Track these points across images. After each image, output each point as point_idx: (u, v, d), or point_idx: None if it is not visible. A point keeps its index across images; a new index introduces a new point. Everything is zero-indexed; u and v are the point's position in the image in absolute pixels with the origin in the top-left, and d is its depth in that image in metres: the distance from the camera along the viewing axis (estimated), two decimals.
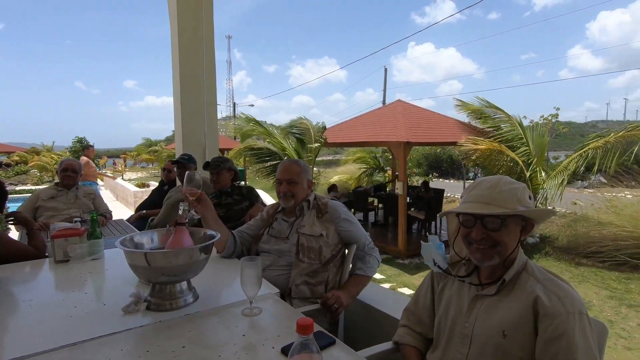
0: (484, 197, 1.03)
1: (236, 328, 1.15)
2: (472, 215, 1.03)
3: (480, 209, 1.01)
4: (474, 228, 1.03)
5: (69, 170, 3.17)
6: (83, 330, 1.12)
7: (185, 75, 3.66)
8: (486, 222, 1.01)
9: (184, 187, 1.63)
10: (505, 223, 1.00)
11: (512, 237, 1.01)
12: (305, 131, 7.78)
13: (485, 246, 1.02)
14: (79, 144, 15.73)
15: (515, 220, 1.01)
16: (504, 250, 1.01)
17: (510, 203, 1.00)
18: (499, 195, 1.01)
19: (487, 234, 1.02)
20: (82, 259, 1.82)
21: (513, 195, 1.01)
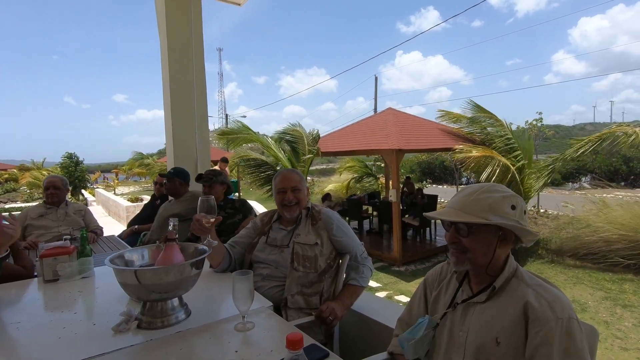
0: (458, 204, 1.05)
1: (229, 344, 1.13)
2: (444, 220, 1.05)
3: (449, 215, 1.04)
4: (449, 232, 1.06)
5: (50, 188, 3.11)
6: (72, 352, 1.10)
7: (175, 89, 3.67)
8: (458, 227, 1.03)
9: (199, 214, 1.50)
10: (473, 230, 1.01)
11: (482, 245, 1.02)
12: (298, 140, 7.79)
13: (457, 250, 1.05)
14: (68, 160, 15.54)
15: (488, 229, 1.01)
16: (473, 257, 1.02)
17: (481, 212, 1.00)
18: (472, 203, 1.03)
19: (458, 238, 1.04)
20: (71, 278, 1.79)
21: (486, 204, 1.01)
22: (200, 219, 1.48)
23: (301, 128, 8.14)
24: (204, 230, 1.50)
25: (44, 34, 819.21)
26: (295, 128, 8.16)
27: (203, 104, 3.83)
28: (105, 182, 24.57)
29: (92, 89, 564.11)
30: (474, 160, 6.91)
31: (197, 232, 1.52)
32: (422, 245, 8.24)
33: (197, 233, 1.52)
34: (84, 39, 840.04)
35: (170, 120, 3.69)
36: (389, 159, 7.34)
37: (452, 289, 1.17)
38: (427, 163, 21.67)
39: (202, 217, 1.48)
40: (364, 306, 1.90)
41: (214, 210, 1.50)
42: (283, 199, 1.79)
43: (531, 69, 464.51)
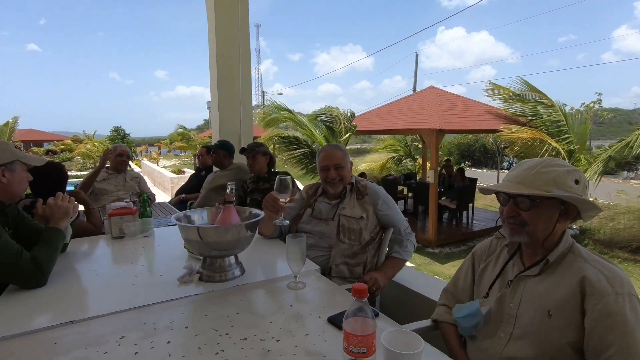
0: (519, 177, 1.04)
1: (283, 299, 1.22)
2: (507, 193, 1.04)
3: (511, 188, 1.03)
4: (507, 206, 1.05)
5: (123, 155, 3.39)
6: (146, 296, 1.23)
7: (222, 64, 3.76)
8: (518, 201, 1.02)
9: (275, 191, 1.52)
10: (536, 204, 1.00)
11: (543, 219, 1.01)
12: (334, 119, 7.78)
13: (514, 224, 1.04)
14: (116, 133, 16.54)
15: (551, 202, 1.00)
16: (532, 230, 1.02)
17: (544, 185, 0.99)
18: (535, 176, 1.01)
19: (517, 212, 1.03)
20: (135, 236, 1.96)
21: (550, 177, 1.00)
22: (276, 198, 1.52)
23: (337, 109, 8.11)
24: (277, 209, 1.53)
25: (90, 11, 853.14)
26: (331, 108, 8.15)
27: (247, 78, 3.92)
28: (149, 154, 25.89)
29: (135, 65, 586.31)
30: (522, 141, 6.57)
31: (270, 210, 1.54)
32: (457, 228, 8.10)
33: (269, 210, 1.55)
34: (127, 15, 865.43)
35: (217, 95, 3.82)
36: (429, 139, 7.17)
37: (501, 262, 1.17)
38: (466, 145, 20.88)
39: (278, 197, 1.51)
40: (404, 278, 1.94)
41: (289, 190, 1.54)
42: (326, 176, 1.83)
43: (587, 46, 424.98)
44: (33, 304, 1.20)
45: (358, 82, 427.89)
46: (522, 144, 6.59)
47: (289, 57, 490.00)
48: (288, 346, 0.94)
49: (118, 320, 1.08)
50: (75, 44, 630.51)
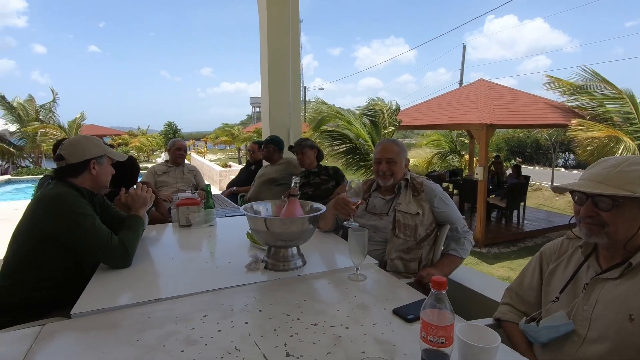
0: (599, 176, 0.99)
1: (346, 289, 1.27)
2: (584, 192, 1.00)
3: (590, 187, 0.98)
4: (584, 206, 1.01)
5: (181, 149, 3.63)
6: (218, 280, 1.34)
7: (273, 60, 3.87)
8: (597, 200, 0.98)
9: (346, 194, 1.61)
10: (618, 204, 0.95)
11: (626, 220, 0.96)
12: (379, 113, 7.68)
13: (592, 224, 1.00)
14: (168, 128, 17.53)
15: (635, 203, 0.95)
16: (613, 231, 0.97)
17: (629, 185, 0.94)
18: (617, 175, 0.96)
19: (596, 212, 0.99)
20: (200, 225, 2.11)
21: (635, 177, 0.95)
22: (348, 201, 1.59)
23: (382, 102, 7.98)
24: (348, 211, 1.60)
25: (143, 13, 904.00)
26: (376, 102, 8.04)
27: (297, 75, 4.00)
28: (196, 148, 27.18)
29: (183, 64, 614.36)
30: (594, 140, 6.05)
31: (341, 211, 1.63)
32: (507, 228, 7.74)
33: (340, 212, 1.64)
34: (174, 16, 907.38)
35: (267, 90, 3.94)
36: (478, 134, 6.90)
37: (574, 263, 1.13)
38: (516, 140, 19.75)
39: (350, 199, 1.58)
40: (461, 276, 1.92)
41: (361, 194, 1.62)
42: (377, 169, 1.87)
43: None
44: (122, 282, 1.34)
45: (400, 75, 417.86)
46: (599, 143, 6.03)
47: (330, 52, 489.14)
48: (357, 333, 0.98)
49: (198, 300, 1.18)
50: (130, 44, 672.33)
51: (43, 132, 14.63)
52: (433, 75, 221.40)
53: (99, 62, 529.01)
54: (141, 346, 0.93)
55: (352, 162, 8.00)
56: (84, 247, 1.42)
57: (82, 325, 1.05)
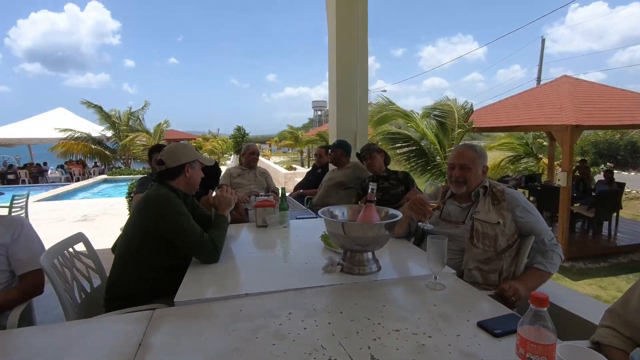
0: None
1: (425, 298, 1.26)
2: None
3: None
4: None
5: (255, 153, 3.86)
6: (298, 279, 1.41)
7: (341, 63, 3.93)
8: None
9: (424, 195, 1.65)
10: None
11: None
12: (448, 114, 7.33)
13: None
14: (238, 132, 18.65)
15: None
16: None
17: None
18: None
19: None
20: (275, 226, 2.23)
21: None
22: (425, 201, 1.61)
23: (452, 102, 7.61)
24: (425, 212, 1.62)
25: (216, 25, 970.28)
26: (445, 102, 7.68)
27: (364, 79, 4.02)
28: (262, 151, 28.50)
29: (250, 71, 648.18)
30: None
31: (417, 212, 1.65)
32: (595, 241, 6.92)
33: (416, 212, 1.65)
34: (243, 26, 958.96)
35: (335, 95, 4.01)
36: (560, 136, 6.28)
37: None
38: (606, 143, 17.56)
39: (427, 200, 1.60)
40: (548, 292, 1.77)
41: (439, 196, 1.63)
42: (450, 174, 1.81)
43: None
44: (213, 276, 1.48)
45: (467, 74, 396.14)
46: None
47: (392, 53, 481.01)
48: (441, 343, 0.97)
49: (283, 297, 1.26)
50: (204, 55, 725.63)
51: (132, 138, 16.48)
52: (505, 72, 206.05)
53: (177, 72, 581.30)
54: (236, 336, 1.02)
55: (417, 166, 7.75)
56: (181, 244, 1.58)
57: (184, 312, 1.18)
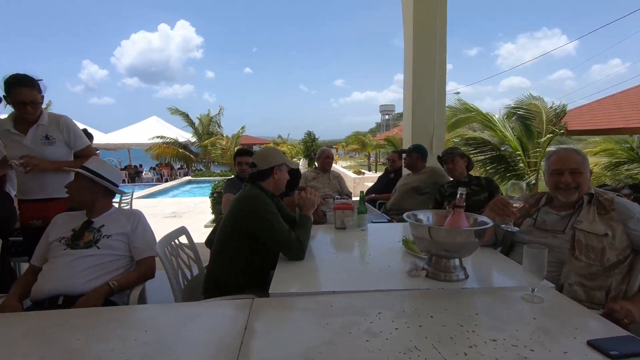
0: None
1: (521, 310, 1.19)
2: None
3: None
4: None
5: (329, 157, 3.98)
6: (382, 281, 1.43)
7: (418, 65, 3.86)
8: None
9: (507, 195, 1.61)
10: None
11: None
12: (534, 115, 6.71)
13: None
14: (308, 137, 19.22)
15: None
16: None
17: None
18: None
19: None
20: (353, 229, 2.27)
21: None
22: (507, 202, 1.55)
23: (540, 101, 6.95)
24: (508, 213, 1.56)
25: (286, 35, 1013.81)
26: (531, 101, 7.05)
27: (442, 82, 3.90)
28: None
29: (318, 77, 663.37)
30: None
31: (499, 214, 1.59)
32: None
33: (498, 214, 1.59)
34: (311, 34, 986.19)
35: (411, 98, 3.95)
36: None
37: None
38: None
39: (509, 200, 1.55)
40: None
41: (523, 195, 1.56)
42: (559, 181, 1.66)
43: None
44: (300, 272, 1.56)
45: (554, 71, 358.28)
46: None
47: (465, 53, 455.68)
48: (546, 359, 0.92)
49: (371, 297, 1.29)
50: (275, 64, 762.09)
51: (213, 142, 17.96)
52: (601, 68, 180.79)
53: (251, 81, 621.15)
54: (330, 330, 1.07)
55: (495, 172, 7.23)
56: (271, 241, 1.70)
57: (280, 303, 1.27)
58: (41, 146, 2.21)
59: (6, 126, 2.20)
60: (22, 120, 2.20)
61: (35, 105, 2.16)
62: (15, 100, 2.11)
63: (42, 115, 2.23)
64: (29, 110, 2.14)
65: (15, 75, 2.13)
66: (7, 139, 2.22)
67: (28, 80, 2.13)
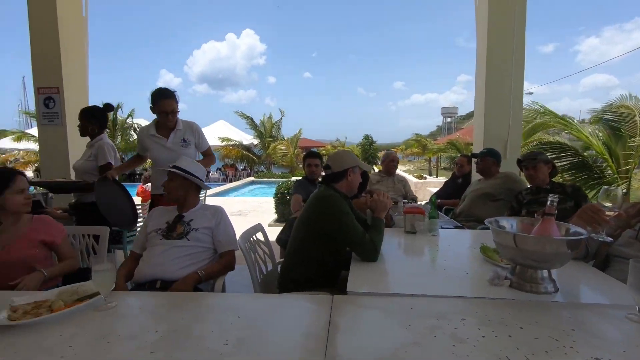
0: None
1: (627, 330, 1.09)
2: None
3: None
4: None
5: (394, 161, 3.95)
6: (462, 288, 1.40)
7: (492, 64, 3.68)
8: None
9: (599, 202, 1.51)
10: None
11: None
12: (625, 118, 6.00)
13: None
14: (365, 140, 19.16)
15: None
16: None
17: None
18: None
19: None
20: (424, 233, 2.23)
21: None
22: (598, 208, 1.45)
23: (633, 103, 6.19)
24: (600, 221, 1.45)
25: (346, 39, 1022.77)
26: (621, 103, 6.32)
27: (520, 82, 3.67)
28: None
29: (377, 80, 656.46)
30: None
31: (589, 222, 1.48)
32: None
33: (588, 222, 1.48)
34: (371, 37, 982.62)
35: (483, 98, 3.77)
36: None
37: None
38: None
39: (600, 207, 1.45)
40: None
41: (619, 202, 1.45)
42: None
43: None
44: (373, 273, 1.59)
45: None
46: None
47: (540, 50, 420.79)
48: None
49: (452, 303, 1.27)
50: (334, 68, 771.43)
51: (274, 144, 18.69)
52: None
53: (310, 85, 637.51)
54: (414, 331, 1.07)
55: (579, 180, 6.55)
56: (345, 241, 1.75)
57: (358, 301, 1.30)
58: (180, 147, 2.64)
59: (150, 131, 2.66)
60: (163, 126, 2.64)
61: (174, 114, 2.60)
62: (160, 109, 2.55)
63: (178, 122, 2.66)
64: (170, 119, 2.58)
65: (160, 89, 2.57)
66: (151, 142, 2.67)
67: (170, 93, 2.57)
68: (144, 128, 2.75)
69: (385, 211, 1.94)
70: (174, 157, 2.44)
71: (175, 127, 2.66)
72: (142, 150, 2.78)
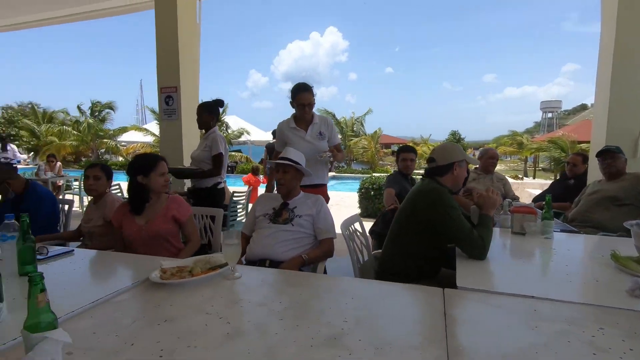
0: None
1: None
2: None
3: None
4: None
5: (495, 158, 3.69)
6: (595, 295, 1.27)
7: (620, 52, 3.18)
8: None
9: None
10: None
11: None
12: None
13: None
14: (452, 136, 18.13)
15: None
16: None
17: None
18: None
19: None
20: (535, 235, 2.05)
21: None
22: None
23: None
24: None
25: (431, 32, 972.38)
26: None
27: None
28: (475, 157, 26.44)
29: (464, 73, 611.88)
30: None
31: None
32: None
33: None
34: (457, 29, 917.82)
35: (607, 91, 3.28)
36: None
37: None
38: None
39: None
40: None
41: None
42: None
43: None
44: (482, 270, 1.52)
45: None
46: None
47: None
48: None
49: (584, 311, 1.15)
50: (417, 62, 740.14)
51: (355, 141, 18.77)
52: None
53: (392, 81, 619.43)
54: (542, 333, 1.00)
55: None
56: (450, 235, 1.70)
57: (472, 297, 1.26)
58: (318, 140, 2.75)
59: (290, 124, 2.79)
60: (301, 119, 2.77)
61: (311, 107, 2.71)
62: (299, 102, 2.67)
63: (314, 116, 2.79)
64: (306, 111, 2.69)
65: (298, 83, 2.72)
66: (292, 135, 2.79)
67: (308, 86, 2.71)
68: (283, 122, 2.84)
69: (494, 208, 1.83)
70: (312, 149, 2.59)
71: (312, 121, 2.75)
72: (281, 145, 2.81)
